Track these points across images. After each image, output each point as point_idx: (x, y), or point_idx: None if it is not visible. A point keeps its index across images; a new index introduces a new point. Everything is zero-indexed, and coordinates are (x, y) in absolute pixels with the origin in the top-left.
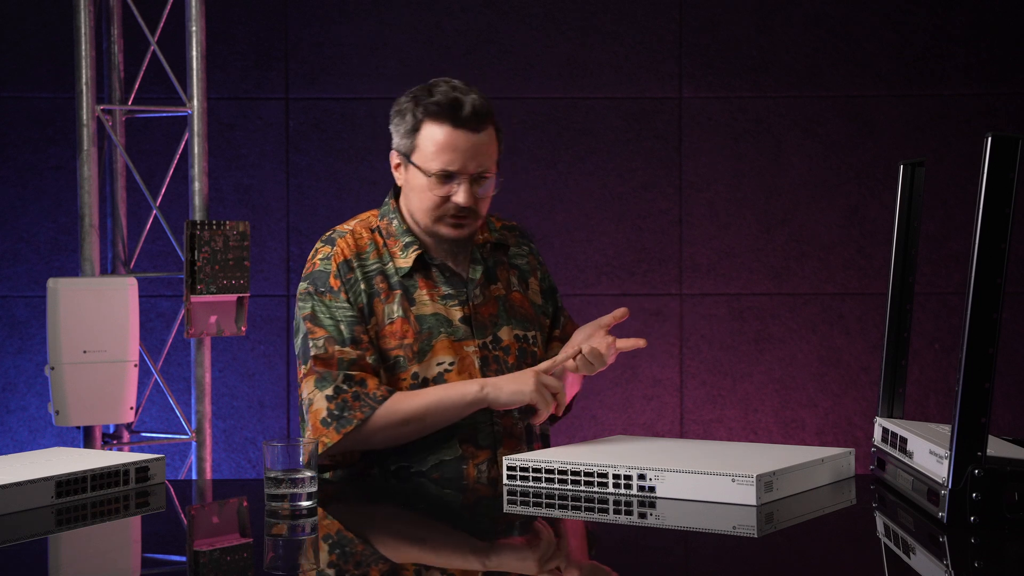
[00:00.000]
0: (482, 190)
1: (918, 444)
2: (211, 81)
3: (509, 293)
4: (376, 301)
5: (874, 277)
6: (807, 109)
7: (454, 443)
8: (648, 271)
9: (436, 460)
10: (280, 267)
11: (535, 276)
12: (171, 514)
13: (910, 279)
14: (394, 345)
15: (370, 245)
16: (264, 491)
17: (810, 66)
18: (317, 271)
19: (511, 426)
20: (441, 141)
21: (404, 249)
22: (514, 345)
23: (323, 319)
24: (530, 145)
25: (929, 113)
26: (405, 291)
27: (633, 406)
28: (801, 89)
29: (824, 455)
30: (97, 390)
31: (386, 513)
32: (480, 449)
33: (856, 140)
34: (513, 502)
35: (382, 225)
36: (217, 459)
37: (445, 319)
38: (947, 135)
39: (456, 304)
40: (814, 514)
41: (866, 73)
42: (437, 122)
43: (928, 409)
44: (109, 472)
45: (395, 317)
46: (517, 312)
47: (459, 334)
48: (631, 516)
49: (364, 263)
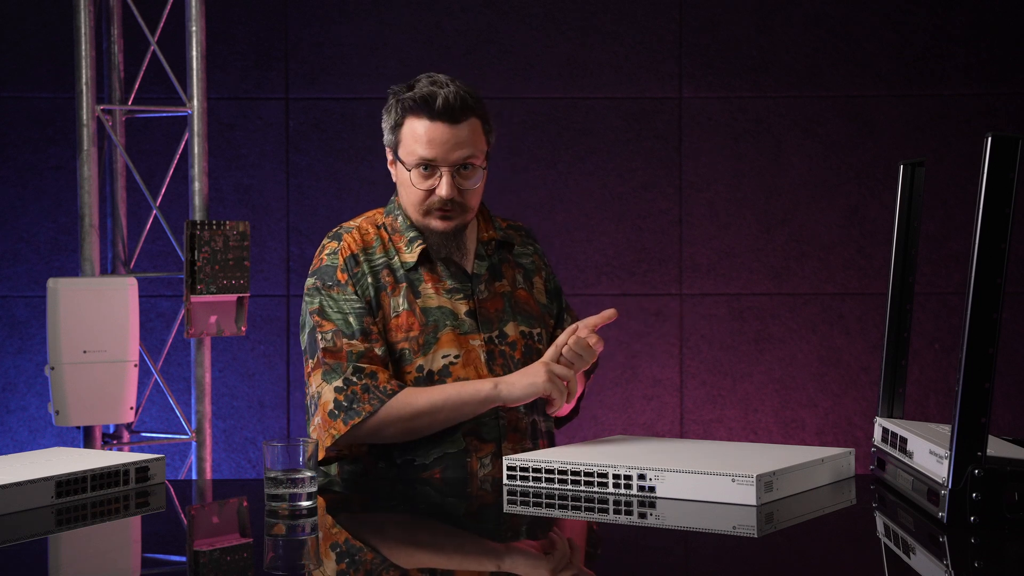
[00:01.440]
0: (467, 182)
1: (918, 444)
2: (211, 81)
3: (515, 290)
4: (383, 295)
5: (874, 277)
6: (807, 109)
7: (458, 436)
8: (648, 271)
9: (440, 453)
10: (280, 267)
11: (540, 276)
12: (171, 514)
13: (910, 279)
14: (400, 338)
15: (376, 240)
16: (264, 491)
17: (810, 66)
18: (324, 266)
19: (516, 420)
20: (419, 134)
21: (409, 244)
22: (520, 341)
23: (331, 313)
24: (530, 145)
25: (929, 113)
26: (411, 284)
27: (633, 406)
28: (801, 89)
29: (824, 455)
30: (97, 390)
31: (386, 513)
32: (484, 443)
33: (856, 140)
34: (513, 502)
35: (387, 222)
36: (217, 459)
37: (451, 312)
38: (947, 135)
39: (461, 298)
40: (814, 514)
41: (866, 73)
42: (415, 116)
43: (928, 409)
44: (109, 472)
45: (401, 310)
46: (523, 309)
47: (464, 327)
48: (631, 516)
49: (371, 257)
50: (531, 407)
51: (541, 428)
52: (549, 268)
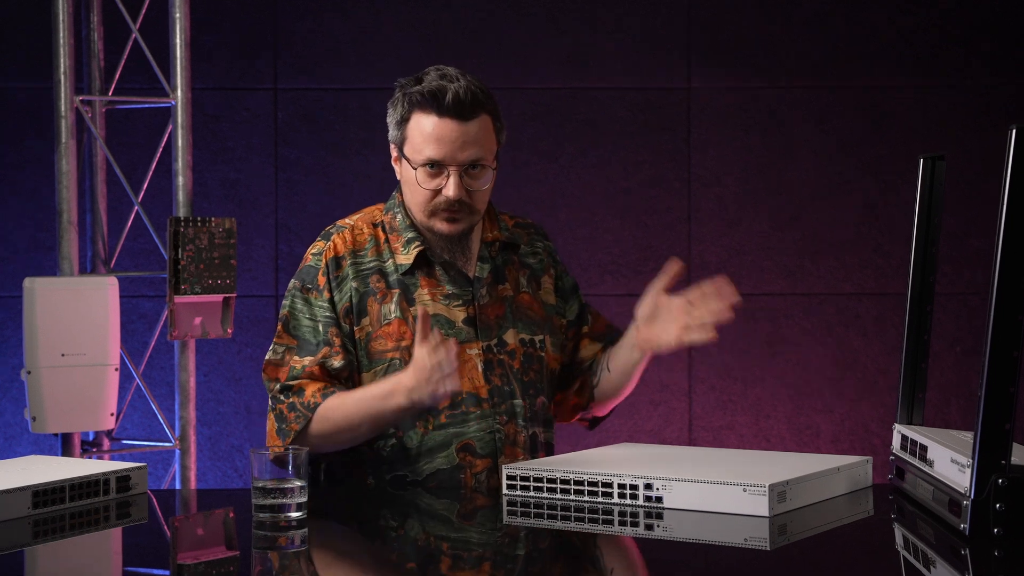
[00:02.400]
0: (476, 182)
1: (939, 452)
2: (196, 70)
3: (517, 294)
4: (370, 300)
5: (892, 276)
6: (821, 100)
7: (451, 452)
8: (655, 270)
9: (432, 469)
10: (268, 266)
11: (548, 275)
12: (154, 526)
13: (930, 279)
14: (391, 347)
15: (370, 241)
16: (251, 501)
17: (824, 55)
18: (307, 267)
19: (514, 433)
20: (427, 131)
21: (406, 245)
22: (519, 349)
23: (301, 319)
24: (530, 138)
25: (949, 104)
26: (405, 290)
27: (639, 412)
28: (815, 79)
29: (840, 464)
30: (76, 395)
31: (379, 524)
32: (479, 458)
33: (873, 133)
34: (513, 513)
35: (386, 220)
36: (202, 468)
37: (446, 320)
38: (968, 127)
39: (460, 304)
40: (830, 526)
41: (883, 63)
42: (423, 111)
43: (949, 415)
44: (88, 482)
45: (392, 317)
46: (524, 315)
47: (461, 336)
48: (637, 528)
49: (360, 260)
50: (530, 419)
51: (540, 440)
52: (561, 265)
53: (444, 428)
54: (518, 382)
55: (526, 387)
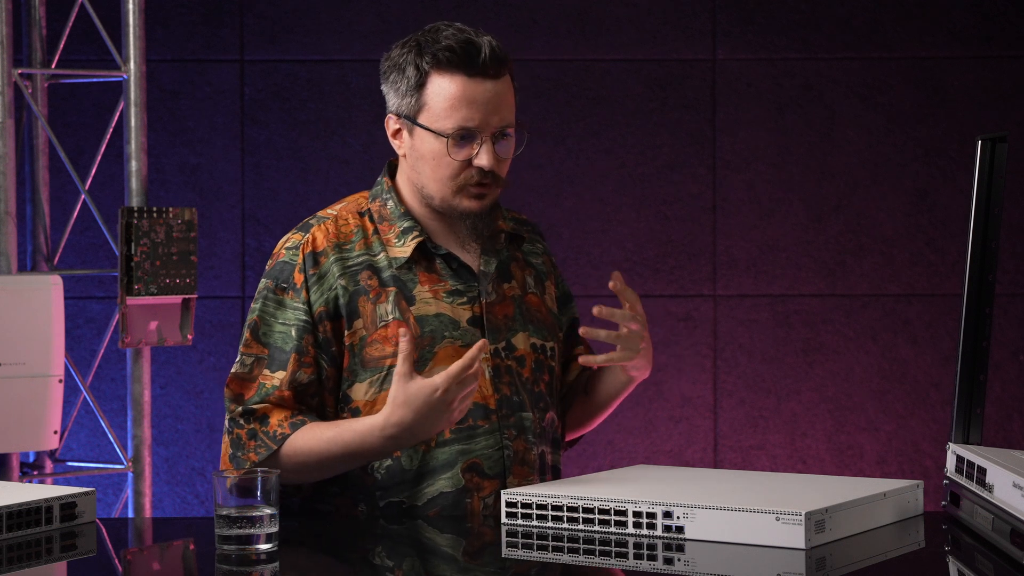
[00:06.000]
0: (504, 150)
1: (999, 475)
2: (151, 40)
3: (525, 294)
4: (362, 300)
5: (946, 275)
6: (866, 73)
7: (456, 472)
8: (676, 268)
9: (435, 493)
10: (234, 263)
11: (551, 280)
12: (103, 560)
13: (989, 277)
14: (388, 352)
15: (357, 233)
16: (215, 531)
17: (869, 21)
18: (280, 263)
19: (524, 451)
20: (456, 94)
21: (401, 236)
22: (530, 356)
23: (273, 324)
24: (534, 116)
25: (1012, 78)
26: (401, 287)
27: (658, 430)
28: (859, 49)
29: (887, 489)
30: (14, 411)
31: (359, 555)
32: (487, 479)
33: (925, 110)
34: (514, 545)
35: (374, 208)
36: (158, 493)
37: (451, 320)
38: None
39: (465, 302)
40: (875, 560)
41: (937, 30)
42: (448, 72)
43: (1011, 433)
44: (28, 509)
45: (389, 319)
46: (534, 317)
47: (467, 338)
48: (655, 562)
49: (346, 255)
50: (540, 436)
51: (548, 461)
52: (559, 272)
53: (449, 445)
54: (527, 393)
55: (536, 399)
